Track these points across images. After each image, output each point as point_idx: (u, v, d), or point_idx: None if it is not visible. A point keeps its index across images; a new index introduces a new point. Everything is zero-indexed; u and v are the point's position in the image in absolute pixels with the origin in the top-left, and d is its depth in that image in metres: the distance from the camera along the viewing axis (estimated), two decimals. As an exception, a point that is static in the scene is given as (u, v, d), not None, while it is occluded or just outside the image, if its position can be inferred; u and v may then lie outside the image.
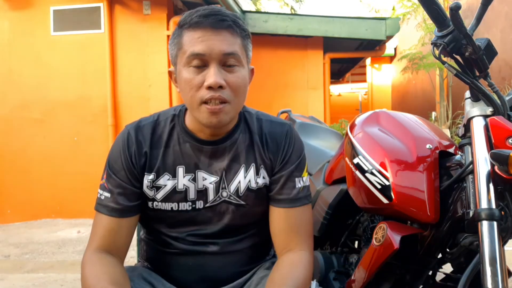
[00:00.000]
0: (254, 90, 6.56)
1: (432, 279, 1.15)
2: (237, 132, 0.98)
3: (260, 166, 0.98)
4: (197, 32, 0.87)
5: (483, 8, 0.95)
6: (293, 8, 14.07)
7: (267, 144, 0.98)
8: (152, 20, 4.80)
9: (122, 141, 0.95)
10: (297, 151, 0.99)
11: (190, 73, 0.88)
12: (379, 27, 5.85)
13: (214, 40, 0.86)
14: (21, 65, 4.96)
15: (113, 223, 0.92)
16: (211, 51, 0.86)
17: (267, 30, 5.88)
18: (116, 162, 0.95)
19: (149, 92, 4.75)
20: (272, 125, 1.01)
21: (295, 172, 0.97)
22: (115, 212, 0.93)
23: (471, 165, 0.92)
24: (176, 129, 0.97)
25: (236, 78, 0.89)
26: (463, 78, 0.94)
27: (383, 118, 1.21)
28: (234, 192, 0.97)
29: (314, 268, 1.34)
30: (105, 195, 0.94)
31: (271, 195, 0.98)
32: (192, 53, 0.86)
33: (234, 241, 0.99)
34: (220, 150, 0.96)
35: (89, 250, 0.92)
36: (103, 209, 0.94)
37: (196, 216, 0.97)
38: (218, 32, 0.87)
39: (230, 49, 0.88)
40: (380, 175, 1.06)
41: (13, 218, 4.84)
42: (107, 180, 0.95)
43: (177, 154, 0.96)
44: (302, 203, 0.97)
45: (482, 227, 0.83)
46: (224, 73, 0.88)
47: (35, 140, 4.91)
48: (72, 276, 2.78)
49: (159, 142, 0.96)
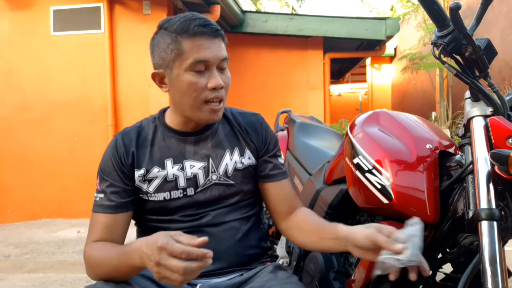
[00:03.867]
0: (254, 90, 6.58)
1: (432, 279, 1.14)
2: (215, 123, 1.10)
3: (245, 148, 1.11)
4: (200, 40, 0.97)
5: (483, 8, 0.95)
6: (293, 8, 14.08)
7: (246, 131, 1.12)
8: (152, 20, 4.80)
9: (111, 147, 1.06)
10: (273, 135, 1.16)
11: (194, 76, 0.97)
12: (379, 27, 5.86)
13: (213, 48, 0.98)
14: (21, 65, 4.96)
15: (108, 219, 1.01)
16: (214, 58, 0.98)
17: (267, 30, 5.88)
18: (107, 165, 1.04)
19: (149, 92, 4.75)
20: (246, 115, 1.16)
21: (277, 152, 1.15)
22: (109, 208, 1.01)
23: (471, 165, 0.92)
24: (159, 128, 1.08)
25: (228, 78, 1.03)
26: (463, 78, 0.94)
27: (383, 118, 1.21)
28: (223, 174, 1.07)
29: (314, 268, 1.35)
30: (99, 196, 1.03)
31: (264, 174, 1.12)
32: (198, 59, 0.96)
33: (225, 212, 1.07)
34: (202, 138, 1.08)
35: (88, 244, 1.00)
36: (98, 209, 1.02)
37: (188, 202, 1.05)
38: (215, 40, 0.99)
39: (225, 54, 1.01)
40: (380, 175, 1.06)
41: (13, 218, 4.84)
42: (100, 183, 1.04)
43: (163, 149, 1.06)
44: (287, 175, 1.15)
45: (482, 227, 0.83)
46: (220, 75, 1.00)
47: (35, 140, 4.91)
48: (72, 276, 2.79)
49: (145, 142, 1.07)
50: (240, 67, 5.90)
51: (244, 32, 5.93)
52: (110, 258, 0.92)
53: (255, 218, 1.14)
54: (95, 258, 0.96)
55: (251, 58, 6.17)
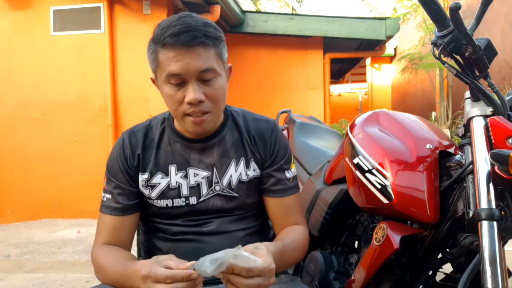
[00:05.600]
0: (254, 90, 6.57)
1: (432, 279, 1.14)
2: (224, 130, 1.05)
3: (251, 159, 1.05)
4: (171, 52, 0.89)
5: (483, 8, 0.95)
6: (293, 8, 14.07)
7: (254, 141, 1.06)
8: (152, 20, 4.80)
9: (118, 147, 1.04)
10: (283, 146, 1.08)
11: (170, 89, 0.93)
12: (379, 27, 5.86)
13: (188, 59, 0.89)
14: (21, 65, 4.96)
15: (116, 221, 1.00)
16: (187, 70, 0.89)
17: (267, 30, 5.88)
18: (114, 166, 1.03)
19: (149, 92, 4.74)
20: (258, 122, 1.08)
21: (284, 165, 1.06)
22: (117, 211, 1.01)
23: (471, 165, 0.92)
24: (167, 131, 1.05)
25: (214, 90, 0.93)
26: (463, 78, 0.94)
27: (383, 118, 1.21)
28: (227, 185, 1.03)
29: (314, 268, 1.35)
30: (106, 197, 1.02)
31: (265, 188, 1.06)
32: (170, 73, 0.90)
33: (228, 221, 1.04)
34: (208, 146, 1.03)
35: (96, 245, 1.00)
36: (106, 210, 1.02)
37: (190, 210, 1.04)
38: (192, 50, 0.89)
39: (205, 65, 0.90)
40: (380, 175, 1.06)
41: (13, 218, 4.84)
42: (107, 183, 1.04)
43: (168, 154, 1.03)
44: (293, 191, 1.07)
45: (482, 227, 0.83)
46: (202, 87, 0.92)
47: (35, 140, 4.91)
48: (72, 276, 2.78)
49: (151, 144, 1.04)
50: (240, 67, 5.89)
51: (244, 32, 5.93)
52: (114, 272, 0.91)
53: (260, 228, 1.12)
54: (100, 264, 0.96)
55: (251, 58, 6.17)
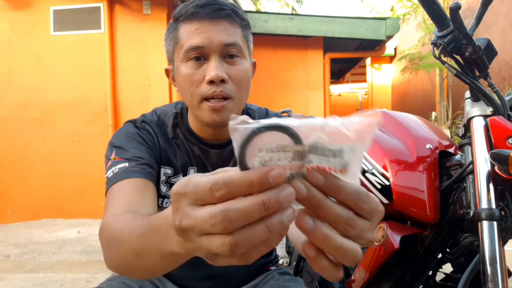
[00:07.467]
0: (254, 90, 6.59)
1: (432, 279, 1.14)
2: None
3: None
4: (194, 24, 0.81)
5: (483, 8, 0.95)
6: (293, 8, 14.08)
7: None
8: (152, 20, 4.80)
9: (133, 128, 0.89)
10: None
11: (189, 68, 0.82)
12: (379, 27, 5.86)
13: (212, 31, 0.80)
14: (21, 65, 4.96)
15: (139, 183, 0.78)
16: (211, 43, 0.80)
17: (267, 30, 5.88)
18: (130, 141, 0.86)
19: (149, 92, 4.75)
20: None
21: None
22: (139, 173, 0.80)
23: (471, 165, 0.92)
24: (181, 129, 0.94)
25: (239, 71, 0.83)
26: (463, 78, 0.94)
27: (383, 118, 1.21)
28: None
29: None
30: (120, 166, 0.81)
31: None
32: (190, 47, 0.80)
33: None
34: (225, 154, 0.94)
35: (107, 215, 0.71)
36: (121, 176, 0.79)
37: None
38: (217, 22, 0.80)
39: (231, 39, 0.81)
40: (380, 175, 1.06)
41: (13, 218, 4.84)
42: (119, 155, 0.83)
43: (188, 154, 0.94)
44: None
45: (482, 227, 0.83)
46: (226, 66, 0.82)
47: (35, 140, 4.91)
48: (72, 276, 2.78)
49: (168, 139, 0.93)
50: (240, 67, 5.89)
51: (244, 32, 5.93)
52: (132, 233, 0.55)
53: None
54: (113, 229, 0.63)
55: (251, 57, 6.17)
